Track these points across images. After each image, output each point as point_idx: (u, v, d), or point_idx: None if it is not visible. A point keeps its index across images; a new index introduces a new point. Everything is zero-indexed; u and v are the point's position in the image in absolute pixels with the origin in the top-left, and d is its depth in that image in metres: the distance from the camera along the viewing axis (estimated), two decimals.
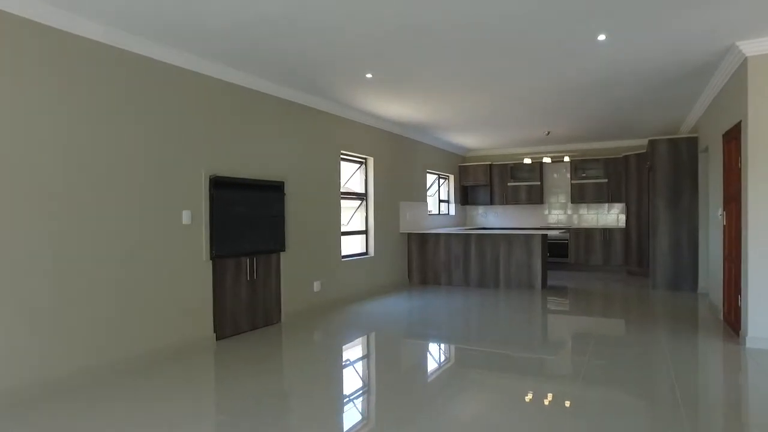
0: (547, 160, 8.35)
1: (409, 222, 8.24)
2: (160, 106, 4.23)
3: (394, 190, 7.89)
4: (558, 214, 10.03)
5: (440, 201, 9.83)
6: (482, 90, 5.74)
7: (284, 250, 5.53)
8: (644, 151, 8.50)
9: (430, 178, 9.54)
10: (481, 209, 10.74)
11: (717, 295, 5.57)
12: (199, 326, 4.55)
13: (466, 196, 10.64)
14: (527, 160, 8.60)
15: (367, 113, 6.88)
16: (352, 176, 7.34)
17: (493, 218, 10.57)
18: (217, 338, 4.73)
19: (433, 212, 9.58)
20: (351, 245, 7.20)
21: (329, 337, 5.12)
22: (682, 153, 7.02)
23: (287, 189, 5.63)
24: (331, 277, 6.37)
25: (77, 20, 3.54)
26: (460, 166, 10.44)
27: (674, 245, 7.07)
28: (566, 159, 8.41)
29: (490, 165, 10.27)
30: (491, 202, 10.35)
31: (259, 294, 5.27)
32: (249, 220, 5.09)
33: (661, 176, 7.14)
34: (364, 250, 7.35)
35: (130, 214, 3.96)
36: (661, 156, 7.14)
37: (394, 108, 6.62)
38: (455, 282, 7.85)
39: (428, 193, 9.53)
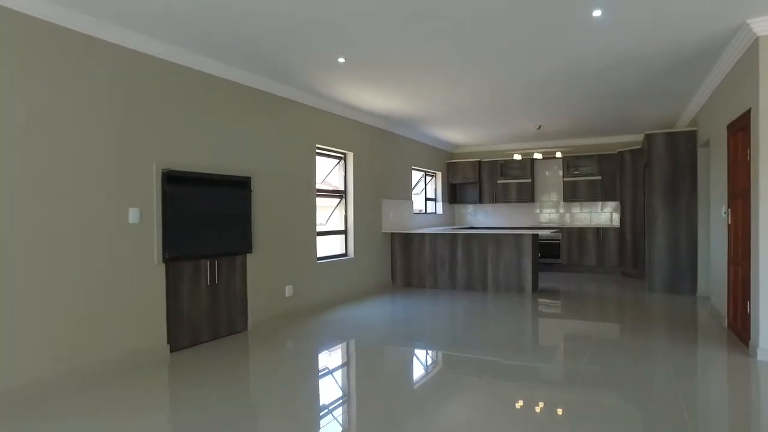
0: (538, 156, 7.92)
1: (392, 221, 7.78)
2: (104, 91, 3.73)
3: (377, 187, 7.44)
4: (550, 212, 9.62)
5: (427, 199, 9.38)
6: (466, 78, 5.30)
7: (251, 252, 5.05)
8: (640, 146, 8.09)
9: (416, 175, 9.09)
10: (470, 208, 10.30)
11: (720, 299, 5.16)
12: (151, 336, 4.06)
13: (454, 194, 10.20)
14: (517, 156, 8.16)
15: (346, 105, 6.42)
16: (330, 172, 6.87)
17: (482, 217, 10.13)
18: (172, 349, 4.24)
19: (419, 211, 9.13)
20: (329, 246, 6.73)
21: (301, 345, 4.66)
22: (681, 148, 6.61)
23: (255, 185, 5.15)
24: (306, 281, 5.90)
25: None
26: (448, 162, 9.99)
27: (672, 246, 6.66)
28: (558, 155, 7.98)
29: (479, 162, 9.83)
30: (480, 201, 9.91)
31: (221, 300, 4.79)
32: (209, 219, 4.61)
33: (658, 173, 6.73)
34: (344, 251, 6.88)
35: (68, 212, 3.46)
36: (658, 151, 6.73)
37: (374, 99, 6.16)
38: (441, 285, 7.41)
39: (414, 191, 9.08)
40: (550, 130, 8.31)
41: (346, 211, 6.92)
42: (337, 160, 6.89)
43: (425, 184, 9.34)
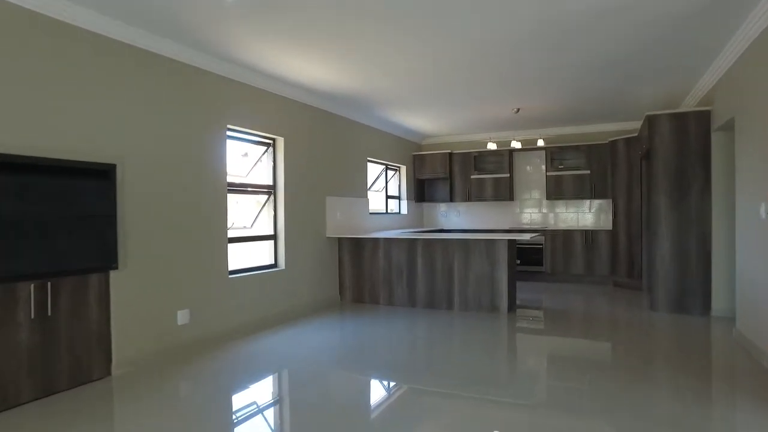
0: (516, 144, 6.55)
1: (341, 223, 6.36)
2: None
3: (319, 182, 6.00)
4: (531, 212, 8.26)
5: (388, 197, 7.96)
6: (417, 43, 3.89)
7: (116, 268, 3.58)
8: (636, 134, 6.76)
9: (375, 169, 7.68)
10: (441, 207, 8.91)
11: (752, 325, 3.82)
12: None
13: (422, 191, 8.80)
14: (492, 146, 6.79)
15: (268, 75, 4.96)
16: (257, 162, 5.42)
17: (455, 218, 8.75)
18: None
19: (377, 211, 7.72)
20: (251, 255, 5.28)
21: (196, 390, 3.21)
22: (691, 133, 5.27)
23: (127, 176, 3.69)
24: (211, 302, 4.44)
25: None
26: (414, 155, 8.58)
27: (679, 254, 5.32)
28: (540, 143, 6.60)
29: (450, 154, 8.42)
30: (451, 199, 8.50)
31: (60, 338, 3.30)
32: (37, 223, 3.13)
33: (662, 164, 5.39)
34: (272, 261, 5.44)
35: None
36: (662, 137, 5.38)
37: (301, 67, 4.70)
38: (398, 300, 6.00)
39: (373, 187, 7.66)
40: (531, 116, 6.94)
41: (275, 212, 5.47)
42: (265, 147, 5.44)
43: (386, 180, 7.92)
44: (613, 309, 5.85)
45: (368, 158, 7.17)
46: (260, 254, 5.41)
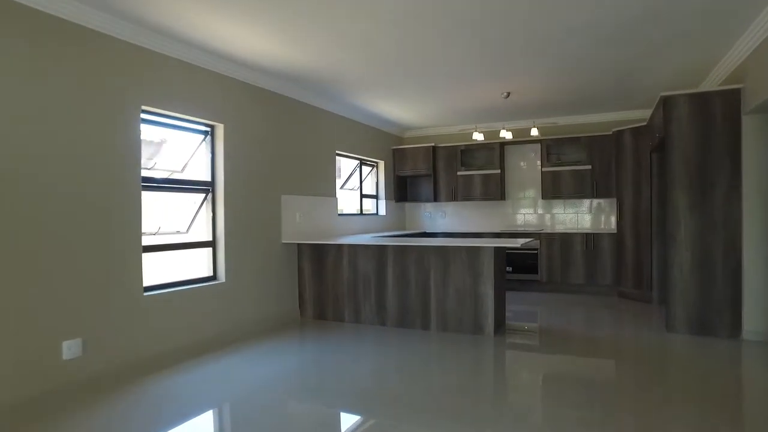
0: (505, 134, 5.57)
1: (301, 226, 5.38)
2: None
3: (273, 178, 5.01)
4: (525, 213, 7.28)
5: (363, 196, 6.98)
6: (378, 7, 2.93)
7: None
8: (645, 123, 5.79)
9: (348, 164, 6.70)
10: (425, 208, 7.92)
11: None
12: None
13: (404, 189, 7.81)
14: (478, 136, 5.80)
15: (201, 48, 3.96)
16: (194, 154, 4.45)
17: (441, 220, 7.76)
18: None
19: (350, 212, 6.74)
20: (185, 266, 4.31)
21: None
22: (716, 117, 4.29)
23: None
24: (115, 328, 3.44)
25: None
26: (394, 149, 7.60)
27: (702, 264, 4.34)
28: (534, 132, 5.61)
29: (434, 147, 7.44)
30: (435, 198, 7.52)
31: None
32: None
33: (680, 155, 4.41)
34: (210, 273, 4.47)
35: None
36: (680, 123, 4.41)
37: (243, 36, 3.72)
38: (365, 318, 5.02)
39: (345, 185, 6.69)
40: (523, 102, 5.96)
41: (214, 213, 4.50)
42: (203, 135, 4.47)
43: (361, 177, 6.94)
44: (621, 328, 4.87)
45: (338, 152, 6.19)
46: (197, 265, 4.44)
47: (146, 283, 3.76)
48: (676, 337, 4.35)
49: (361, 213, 6.83)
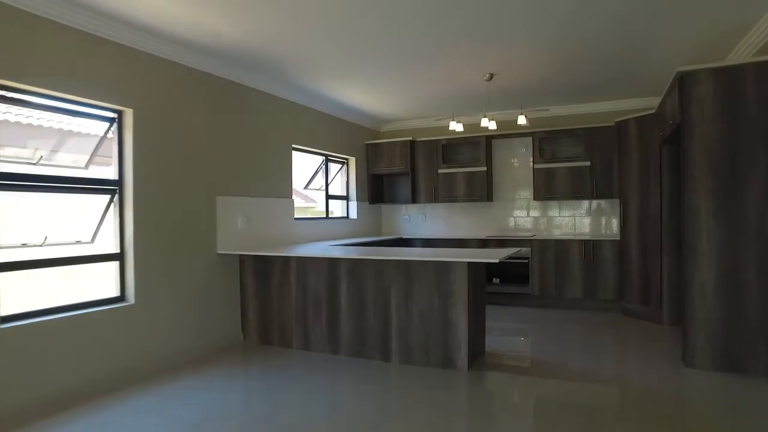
0: (487, 123, 4.62)
1: (243, 234, 4.45)
2: None
3: (204, 176, 4.06)
4: (516, 216, 6.33)
5: (329, 197, 6.04)
6: None
7: None
8: (653, 111, 4.84)
9: (308, 161, 5.77)
10: (404, 210, 6.99)
11: None
12: None
13: (380, 190, 6.87)
14: (456, 126, 4.84)
15: (99, 12, 3.07)
16: (99, 145, 3.54)
17: (422, 224, 6.82)
18: None
19: (313, 216, 5.80)
20: (81, 284, 3.39)
21: None
22: (748, 97, 3.33)
23: None
24: None
25: None
26: (368, 144, 6.66)
27: (730, 281, 3.38)
28: (522, 120, 4.63)
29: (412, 142, 6.51)
30: (414, 199, 6.57)
31: None
32: None
33: (701, 146, 3.45)
34: (118, 293, 3.56)
35: None
36: (701, 106, 3.45)
37: None
38: (315, 344, 4.09)
39: (310, 184, 5.76)
40: (510, 87, 4.99)
41: (121, 219, 3.58)
42: (108, 123, 3.55)
43: (326, 175, 5.98)
44: (628, 360, 3.91)
45: (295, 146, 5.25)
46: (95, 283, 3.52)
47: (6, 311, 2.85)
48: (697, 375, 3.39)
49: (327, 216, 5.90)
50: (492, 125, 4.70)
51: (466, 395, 3.20)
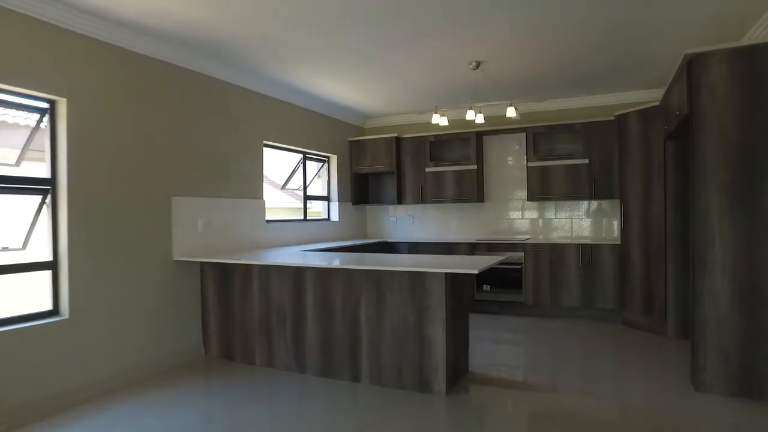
0: (474, 117, 4.16)
1: (205, 239, 3.98)
2: None
3: (156, 174, 3.60)
4: (508, 218, 5.87)
5: (307, 198, 5.59)
6: None
7: None
8: (656, 104, 4.38)
9: (288, 159, 5.33)
10: (390, 211, 6.54)
11: None
12: None
13: (365, 190, 6.42)
14: (440, 120, 4.38)
15: None
16: (30, 139, 3.11)
17: (409, 226, 6.36)
18: None
19: (289, 218, 5.35)
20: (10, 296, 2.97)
21: None
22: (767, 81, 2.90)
23: None
24: None
25: None
26: (351, 141, 6.21)
27: (748, 292, 2.91)
28: (511, 113, 4.15)
29: (398, 139, 6.06)
30: (399, 200, 6.11)
31: None
32: None
33: (714, 137, 2.98)
34: (51, 306, 3.12)
35: None
36: (714, 92, 2.97)
37: None
38: (280, 361, 3.64)
39: (287, 184, 5.31)
40: (499, 76, 4.52)
41: (55, 223, 3.14)
42: (39, 115, 3.12)
43: (305, 174, 5.51)
44: (631, 381, 3.44)
45: (267, 143, 4.81)
46: (36, 295, 3.09)
47: None
48: (708, 401, 2.92)
49: (305, 218, 5.45)
50: (480, 119, 4.25)
51: (441, 425, 2.75)
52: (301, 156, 5.39)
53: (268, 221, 4.73)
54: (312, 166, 5.65)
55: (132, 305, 3.43)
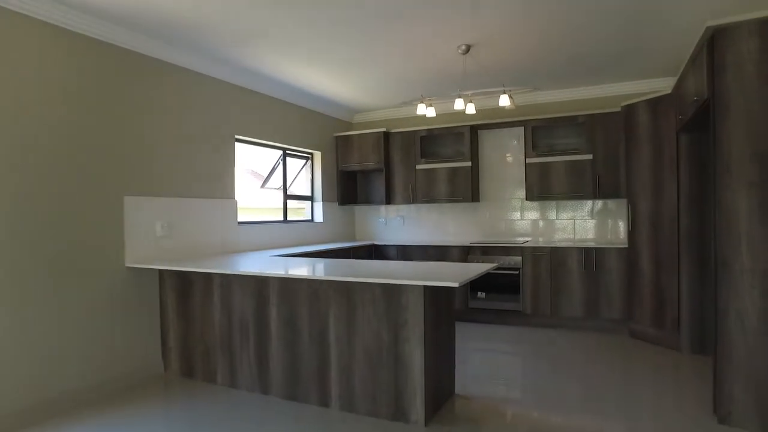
0: (462, 106, 3.70)
1: (165, 243, 3.54)
2: None
3: (103, 169, 3.17)
4: (506, 218, 5.42)
5: (287, 197, 5.15)
6: None
7: None
8: (668, 92, 3.91)
9: (261, 155, 4.89)
10: (383, 212, 6.09)
11: None
12: None
13: (353, 189, 5.98)
14: (425, 110, 3.91)
15: None
16: None
17: (400, 228, 5.93)
18: None
19: (268, 219, 4.92)
20: None
21: None
22: None
23: None
24: None
25: None
26: (336, 137, 5.78)
27: None
28: (504, 101, 3.65)
29: (386, 134, 5.61)
30: (388, 200, 5.66)
31: None
32: None
33: (739, 127, 2.49)
34: None
35: None
36: (741, 71, 2.46)
37: None
38: (242, 381, 3.20)
39: (267, 182, 4.87)
40: (491, 62, 4.04)
41: None
42: None
43: (285, 172, 5.06)
44: (642, 407, 2.96)
45: (238, 137, 4.38)
46: None
47: None
48: None
49: (285, 220, 5.01)
50: (471, 109, 3.80)
51: None
52: (281, 152, 4.97)
53: (240, 223, 4.30)
54: (296, 164, 5.23)
55: (76, 320, 3.00)
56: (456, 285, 2.25)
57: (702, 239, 3.75)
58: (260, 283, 3.07)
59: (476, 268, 2.71)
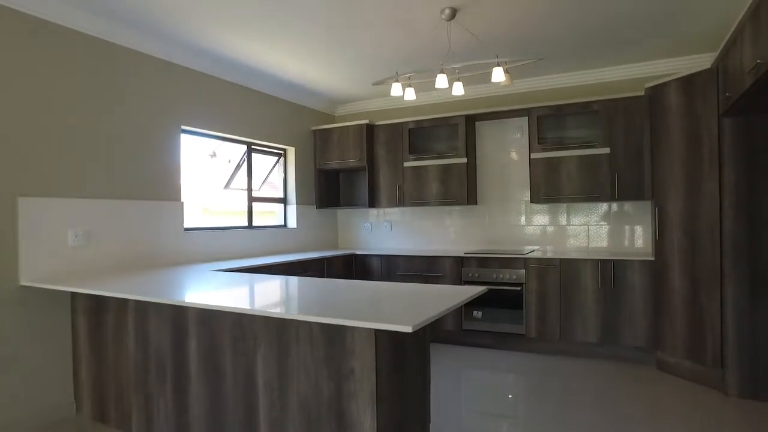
0: (445, 84, 2.90)
1: (82, 255, 2.84)
2: None
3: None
4: (508, 224, 4.64)
5: (252, 200, 4.43)
6: None
7: None
8: (707, 67, 3.12)
9: (219, 150, 4.18)
10: (374, 216, 5.35)
11: None
12: None
13: (333, 190, 5.25)
14: (403, 92, 3.11)
15: None
16: None
17: (387, 234, 5.19)
18: None
19: (226, 225, 4.21)
20: None
21: None
22: None
23: None
24: None
25: None
26: (314, 131, 5.06)
27: None
28: (498, 76, 2.80)
29: (368, 126, 4.87)
30: (371, 203, 4.93)
31: None
32: None
33: None
34: None
35: None
36: None
37: None
38: (158, 430, 2.54)
39: (227, 182, 4.17)
40: (481, 29, 3.29)
41: None
42: None
43: (250, 170, 4.34)
44: None
45: (185, 128, 3.68)
46: None
47: None
48: None
49: (250, 225, 4.30)
50: (458, 89, 3.04)
51: None
52: (245, 148, 4.27)
53: (188, 229, 3.61)
54: (266, 161, 4.53)
55: None
56: (409, 330, 1.50)
57: (753, 250, 2.94)
58: (176, 310, 2.36)
59: (453, 296, 1.96)
